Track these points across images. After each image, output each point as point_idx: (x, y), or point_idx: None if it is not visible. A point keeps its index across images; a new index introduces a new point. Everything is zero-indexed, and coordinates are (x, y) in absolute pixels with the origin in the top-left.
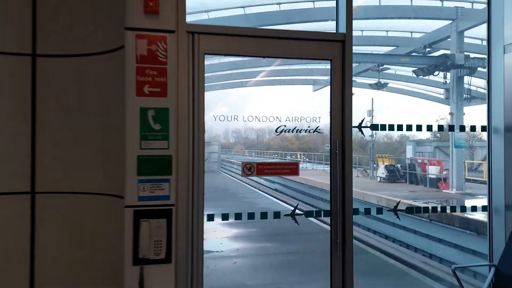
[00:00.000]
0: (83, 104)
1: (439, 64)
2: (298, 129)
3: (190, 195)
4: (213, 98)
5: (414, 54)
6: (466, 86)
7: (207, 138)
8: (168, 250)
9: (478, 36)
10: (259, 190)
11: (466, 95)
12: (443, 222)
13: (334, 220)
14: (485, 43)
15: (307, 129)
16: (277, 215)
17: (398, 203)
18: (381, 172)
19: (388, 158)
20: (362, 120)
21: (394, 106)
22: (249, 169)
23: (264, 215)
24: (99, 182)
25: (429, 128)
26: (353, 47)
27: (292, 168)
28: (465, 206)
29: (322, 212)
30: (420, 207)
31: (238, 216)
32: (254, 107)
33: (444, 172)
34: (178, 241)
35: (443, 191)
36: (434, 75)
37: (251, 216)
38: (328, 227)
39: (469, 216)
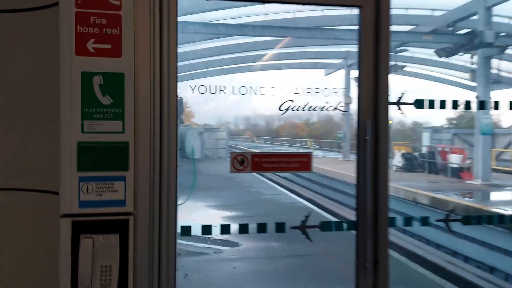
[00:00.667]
0: (26, 76)
1: (465, 43)
2: (311, 107)
3: (157, 199)
4: (213, 84)
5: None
6: (494, 71)
7: (217, 124)
8: (122, 280)
9: (507, 14)
10: (266, 178)
11: (492, 80)
12: None
13: (362, 235)
14: None
15: (323, 107)
16: (280, 227)
17: (452, 211)
18: (397, 160)
19: (405, 146)
20: (402, 94)
21: (411, 91)
22: (241, 162)
23: (262, 228)
24: (46, 176)
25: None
26: None
27: (303, 162)
28: None
29: (346, 225)
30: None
31: (225, 230)
32: (263, 92)
33: (467, 161)
34: (137, 266)
35: (467, 181)
36: (459, 54)
37: (244, 229)
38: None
39: None
